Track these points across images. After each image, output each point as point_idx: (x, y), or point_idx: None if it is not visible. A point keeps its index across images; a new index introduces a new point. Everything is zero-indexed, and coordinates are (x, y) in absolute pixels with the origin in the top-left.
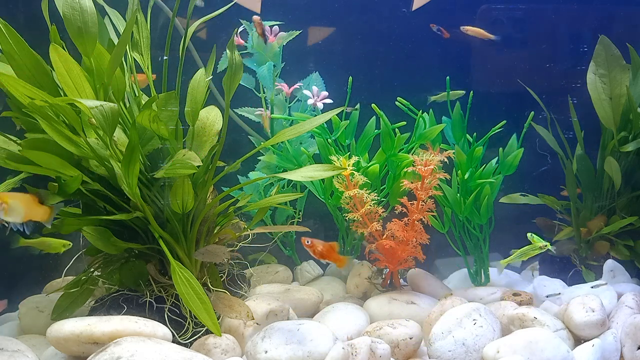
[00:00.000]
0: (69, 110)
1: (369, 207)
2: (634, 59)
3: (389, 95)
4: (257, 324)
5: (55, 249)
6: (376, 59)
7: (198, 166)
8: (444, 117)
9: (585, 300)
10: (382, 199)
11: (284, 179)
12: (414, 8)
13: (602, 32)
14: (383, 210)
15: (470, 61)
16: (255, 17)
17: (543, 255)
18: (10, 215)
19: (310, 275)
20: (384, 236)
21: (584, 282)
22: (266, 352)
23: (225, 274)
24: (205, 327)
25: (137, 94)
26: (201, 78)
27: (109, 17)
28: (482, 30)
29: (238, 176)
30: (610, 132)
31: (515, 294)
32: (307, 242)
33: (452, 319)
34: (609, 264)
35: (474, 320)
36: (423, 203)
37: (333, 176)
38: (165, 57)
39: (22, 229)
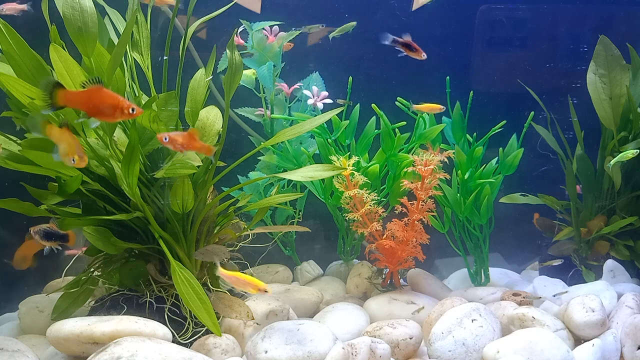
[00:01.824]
0: (69, 110)
1: (369, 207)
2: (634, 59)
3: (389, 95)
4: (257, 324)
5: None
6: (376, 58)
7: (198, 166)
8: (444, 117)
9: (585, 300)
10: (382, 199)
11: (284, 179)
12: (414, 8)
13: (602, 32)
14: (383, 210)
15: (470, 61)
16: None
17: (543, 255)
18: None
19: (310, 275)
20: (384, 236)
21: (584, 282)
22: (266, 352)
23: None
24: (205, 327)
25: (137, 94)
26: (201, 78)
27: (109, 17)
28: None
29: (238, 176)
30: (610, 132)
31: (515, 294)
32: (165, 139)
33: (452, 319)
34: (609, 264)
35: (474, 320)
36: (423, 203)
37: (333, 176)
38: (165, 57)
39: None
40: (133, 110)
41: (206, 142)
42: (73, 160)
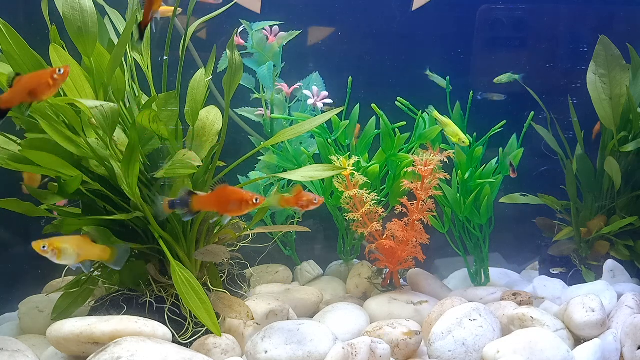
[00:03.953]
0: (69, 110)
1: (369, 207)
2: (634, 59)
3: (389, 95)
4: (257, 324)
5: None
6: (376, 58)
7: (198, 166)
8: None
9: (585, 300)
10: (382, 199)
11: (284, 179)
12: (414, 8)
13: (602, 32)
14: (383, 210)
15: (470, 61)
16: None
17: (543, 255)
18: (63, 259)
19: (310, 275)
20: (384, 236)
21: (584, 282)
22: (266, 352)
23: (225, 274)
24: (205, 327)
25: (137, 94)
26: (201, 78)
27: (109, 17)
28: None
29: (238, 176)
30: (610, 132)
31: (515, 294)
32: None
33: (452, 319)
34: (609, 264)
35: (474, 320)
36: (423, 203)
37: (333, 176)
38: (165, 57)
39: (83, 268)
40: (257, 200)
41: (206, 142)
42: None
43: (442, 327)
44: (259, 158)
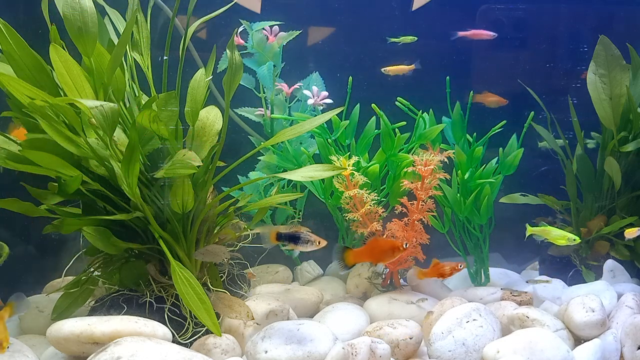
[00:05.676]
0: (69, 110)
1: (369, 207)
2: (634, 59)
3: (389, 95)
4: (257, 324)
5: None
6: (376, 59)
7: (198, 166)
8: (444, 117)
9: (585, 300)
10: (382, 199)
11: (284, 179)
12: (414, 8)
13: (602, 32)
14: (383, 210)
15: (470, 61)
16: None
17: (543, 255)
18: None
19: (310, 275)
20: (384, 236)
21: (584, 282)
22: (266, 352)
23: (225, 274)
24: (205, 327)
25: (137, 94)
26: (201, 78)
27: (109, 17)
28: None
29: (238, 176)
30: (610, 132)
31: (515, 294)
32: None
33: (452, 319)
34: (609, 264)
35: (474, 320)
36: (423, 203)
37: (333, 176)
38: (165, 57)
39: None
40: (406, 244)
41: (206, 142)
42: None
43: (442, 327)
44: (259, 158)
